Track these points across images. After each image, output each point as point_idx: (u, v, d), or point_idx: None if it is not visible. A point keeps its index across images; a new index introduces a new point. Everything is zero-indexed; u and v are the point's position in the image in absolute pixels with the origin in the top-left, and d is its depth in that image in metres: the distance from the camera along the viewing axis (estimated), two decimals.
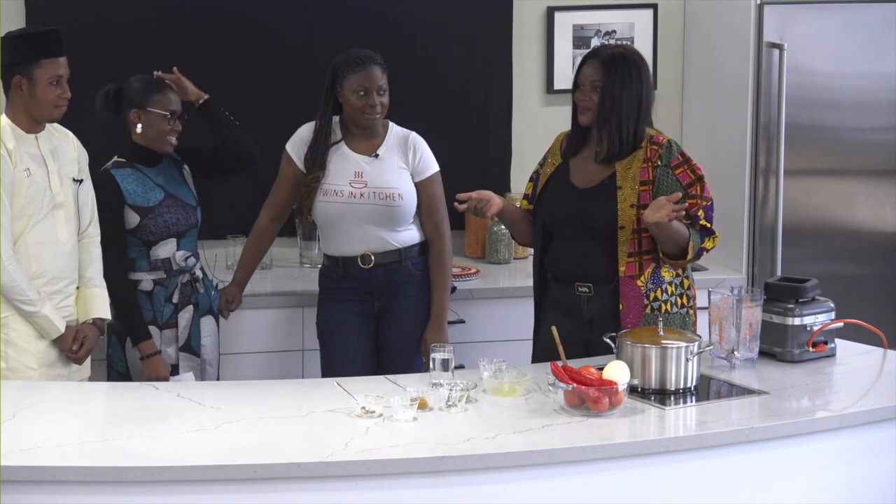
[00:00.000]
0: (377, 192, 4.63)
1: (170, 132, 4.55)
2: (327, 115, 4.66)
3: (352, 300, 4.71)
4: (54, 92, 4.16)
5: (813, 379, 4.02)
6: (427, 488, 3.36)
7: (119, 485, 3.27)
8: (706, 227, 4.23)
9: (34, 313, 4.16)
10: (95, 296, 4.35)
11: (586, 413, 3.62)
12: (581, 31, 5.80)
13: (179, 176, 4.69)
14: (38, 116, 4.20)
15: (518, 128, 5.81)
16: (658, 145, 4.27)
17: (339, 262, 4.71)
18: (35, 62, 4.14)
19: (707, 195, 4.26)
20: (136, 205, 4.53)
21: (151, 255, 4.57)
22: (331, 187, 4.64)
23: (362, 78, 4.57)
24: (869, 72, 5.55)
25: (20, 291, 4.13)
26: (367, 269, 4.67)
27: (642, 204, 4.23)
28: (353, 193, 4.63)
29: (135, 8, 5.41)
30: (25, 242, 4.17)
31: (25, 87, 4.15)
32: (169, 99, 4.57)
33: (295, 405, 3.71)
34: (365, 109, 4.59)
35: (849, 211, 5.65)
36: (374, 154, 4.66)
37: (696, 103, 5.88)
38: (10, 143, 4.14)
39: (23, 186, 4.14)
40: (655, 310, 4.25)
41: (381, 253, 4.68)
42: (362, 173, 4.64)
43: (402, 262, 4.70)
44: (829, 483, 3.76)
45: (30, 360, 4.19)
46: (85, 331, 4.31)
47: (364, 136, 4.68)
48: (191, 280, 4.64)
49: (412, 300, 4.72)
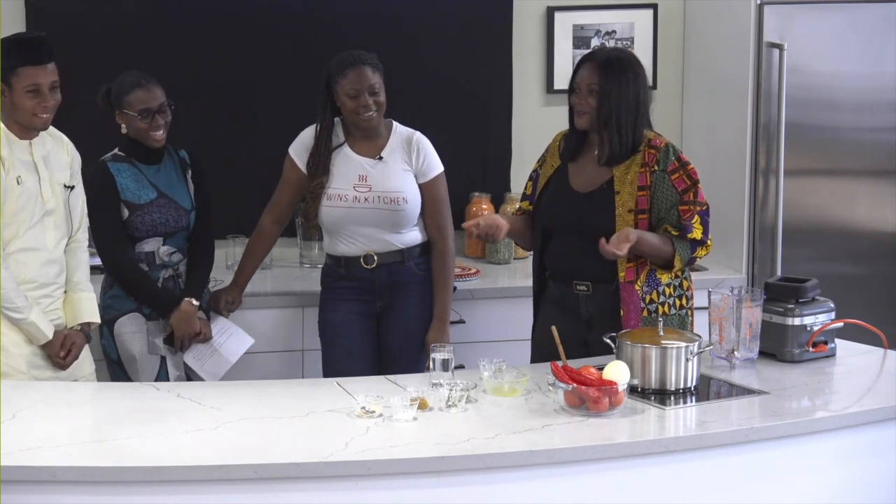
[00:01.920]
0: (381, 196, 4.62)
1: (148, 129, 4.53)
2: (326, 120, 4.64)
3: (353, 300, 4.71)
4: (31, 100, 4.11)
5: (813, 379, 4.02)
6: (427, 488, 3.36)
7: (119, 485, 3.27)
8: (696, 239, 4.22)
9: (22, 320, 4.15)
10: (83, 300, 4.34)
11: (586, 413, 3.62)
12: (581, 31, 5.80)
13: (181, 178, 4.68)
14: (21, 124, 4.18)
15: (518, 128, 5.81)
16: (655, 149, 4.26)
17: (341, 261, 4.70)
18: (12, 70, 4.10)
19: (701, 200, 4.25)
20: (126, 200, 4.55)
21: (136, 249, 4.59)
22: (335, 192, 4.63)
23: (352, 80, 4.55)
24: (869, 72, 5.54)
25: (7, 299, 4.11)
26: (370, 269, 4.67)
27: (640, 209, 4.23)
28: (357, 198, 4.62)
29: (135, 8, 5.40)
30: (14, 249, 4.16)
31: (7, 94, 4.13)
32: (140, 98, 4.53)
33: (295, 405, 3.71)
34: (358, 111, 4.57)
35: (849, 211, 5.65)
36: (377, 156, 4.65)
37: (695, 103, 5.88)
38: (3, 150, 4.12)
39: (14, 194, 4.12)
40: (652, 312, 4.25)
41: (384, 253, 4.67)
42: (366, 177, 4.63)
43: (405, 263, 4.70)
44: (829, 483, 3.76)
45: (20, 364, 4.18)
46: (73, 337, 4.29)
47: (366, 137, 4.66)
48: (174, 276, 4.66)
49: (414, 300, 4.71)
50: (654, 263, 4.26)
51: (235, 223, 5.40)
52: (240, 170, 5.48)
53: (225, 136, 5.48)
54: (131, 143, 4.59)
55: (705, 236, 4.25)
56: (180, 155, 4.70)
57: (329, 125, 4.65)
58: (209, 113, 5.42)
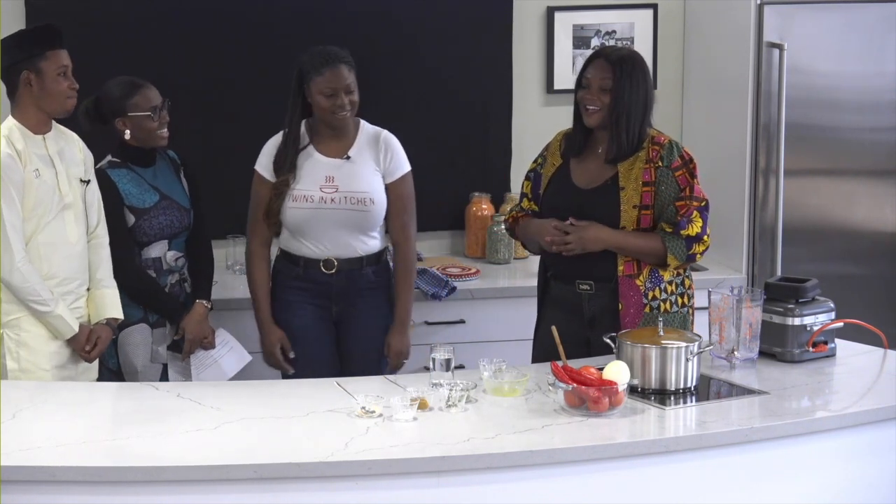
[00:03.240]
0: (349, 197, 4.53)
1: (158, 128, 4.55)
2: (296, 119, 4.55)
3: (310, 304, 4.61)
4: (63, 83, 4.17)
5: (813, 379, 4.02)
6: (427, 488, 3.36)
7: (119, 485, 3.27)
8: (691, 235, 4.21)
9: (48, 313, 4.16)
10: (106, 296, 4.36)
11: (586, 413, 3.62)
12: (581, 31, 5.80)
13: (175, 177, 4.69)
14: (50, 110, 4.20)
15: (518, 128, 5.81)
16: (660, 146, 4.27)
17: (300, 261, 4.60)
18: (41, 55, 4.15)
19: (698, 195, 4.25)
20: (131, 206, 4.54)
21: (143, 255, 4.58)
22: (301, 193, 4.53)
23: (329, 78, 4.46)
24: (869, 72, 5.54)
25: (34, 292, 4.13)
26: (328, 273, 4.60)
27: (644, 205, 4.23)
28: (323, 198, 4.53)
29: (134, 8, 5.40)
30: (36, 244, 4.17)
31: (34, 81, 4.15)
32: (146, 97, 4.55)
33: (295, 405, 3.71)
34: (334, 110, 4.49)
35: (849, 211, 5.65)
36: (345, 156, 4.57)
37: (696, 103, 5.88)
38: (20, 143, 4.15)
39: (32, 187, 4.14)
40: (654, 309, 4.25)
41: (344, 259, 4.59)
42: (333, 177, 4.54)
43: (363, 269, 4.61)
44: (829, 483, 3.76)
45: (43, 362, 4.19)
46: (98, 331, 4.32)
47: (334, 137, 4.58)
48: (180, 280, 4.65)
49: (370, 306, 4.64)
50: (650, 263, 4.26)
51: (235, 223, 5.40)
52: (240, 170, 5.45)
53: (224, 136, 5.47)
54: (124, 147, 4.58)
55: (703, 232, 4.24)
56: (170, 155, 4.70)
57: (299, 123, 4.56)
58: (208, 112, 5.41)
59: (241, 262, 5.36)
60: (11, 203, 4.09)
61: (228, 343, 4.75)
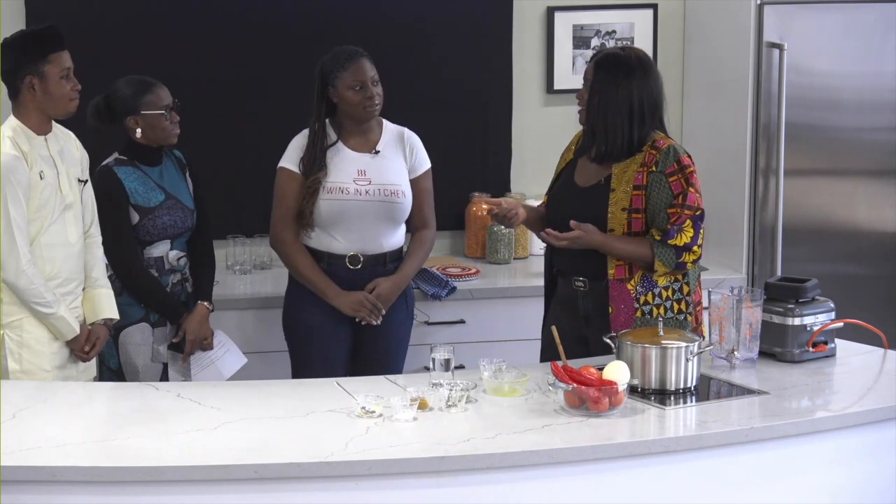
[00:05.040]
0: (382, 189, 4.61)
1: (170, 126, 4.56)
2: (322, 119, 4.62)
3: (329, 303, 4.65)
4: (66, 85, 4.17)
5: (813, 379, 4.02)
6: (427, 488, 3.36)
7: (119, 485, 3.27)
8: (679, 245, 4.19)
9: (51, 314, 4.16)
10: (102, 296, 4.37)
11: (586, 413, 3.62)
12: (581, 31, 5.80)
13: (181, 177, 4.69)
14: (54, 113, 4.20)
15: (518, 128, 5.81)
16: (657, 150, 4.25)
17: (324, 257, 4.65)
18: (43, 59, 4.14)
19: (692, 204, 4.20)
20: (136, 204, 4.54)
21: (145, 254, 4.58)
22: (335, 185, 4.60)
23: (355, 72, 4.55)
24: (869, 72, 5.54)
25: (38, 294, 4.13)
26: (353, 269, 4.64)
27: (634, 208, 4.22)
28: (358, 191, 4.60)
29: (134, 9, 5.40)
30: (40, 245, 4.17)
31: (38, 85, 4.15)
32: (159, 96, 4.56)
33: (295, 405, 3.71)
34: (365, 103, 4.57)
35: (849, 211, 5.65)
36: (374, 150, 4.65)
37: (696, 103, 5.88)
38: (25, 145, 4.14)
39: (37, 189, 4.14)
40: (646, 314, 4.24)
41: (371, 256, 4.64)
42: (365, 171, 4.62)
43: (385, 265, 4.67)
44: (829, 483, 3.76)
45: (44, 363, 4.20)
46: (97, 331, 4.33)
47: (360, 133, 4.65)
48: (181, 280, 4.65)
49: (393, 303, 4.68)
50: (641, 267, 4.25)
51: (235, 223, 5.41)
52: (241, 170, 5.48)
53: (226, 136, 5.48)
54: (131, 145, 4.59)
55: (692, 242, 4.21)
56: (176, 154, 4.71)
57: (324, 123, 4.63)
58: (210, 113, 5.41)
59: (241, 262, 5.38)
60: (18, 205, 4.09)
61: (226, 345, 4.75)
